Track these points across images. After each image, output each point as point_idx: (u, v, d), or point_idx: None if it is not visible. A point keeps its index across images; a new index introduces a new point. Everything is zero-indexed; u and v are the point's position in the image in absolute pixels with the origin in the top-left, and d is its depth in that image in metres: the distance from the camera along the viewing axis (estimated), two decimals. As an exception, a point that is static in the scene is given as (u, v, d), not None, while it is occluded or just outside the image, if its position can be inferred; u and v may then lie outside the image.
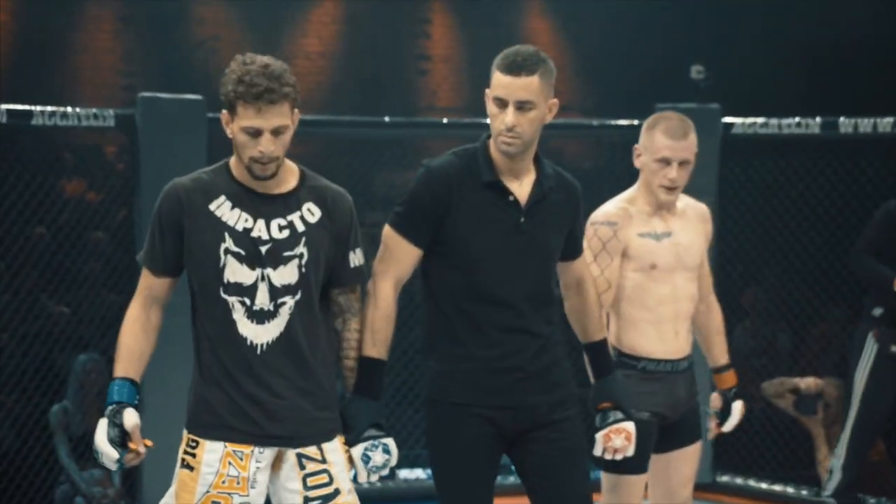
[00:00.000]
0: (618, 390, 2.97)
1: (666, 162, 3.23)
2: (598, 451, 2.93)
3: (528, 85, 2.72)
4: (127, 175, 4.83)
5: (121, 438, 2.59)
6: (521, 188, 2.80)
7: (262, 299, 2.63)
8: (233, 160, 2.68)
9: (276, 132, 2.57)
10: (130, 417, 2.61)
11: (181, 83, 6.70)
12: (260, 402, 2.63)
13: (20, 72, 9.16)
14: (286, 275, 2.64)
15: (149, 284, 2.70)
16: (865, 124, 4.97)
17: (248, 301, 2.63)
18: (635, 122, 5.28)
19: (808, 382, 4.85)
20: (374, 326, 2.76)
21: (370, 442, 2.68)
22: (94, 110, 4.60)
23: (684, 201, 3.40)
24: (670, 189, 3.26)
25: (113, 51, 9.62)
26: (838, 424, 4.83)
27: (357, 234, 2.76)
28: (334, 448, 2.70)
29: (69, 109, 4.51)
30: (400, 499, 5.12)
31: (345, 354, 2.77)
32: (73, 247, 4.83)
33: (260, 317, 2.64)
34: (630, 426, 2.93)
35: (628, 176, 5.26)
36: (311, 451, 2.68)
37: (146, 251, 2.70)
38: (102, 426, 2.60)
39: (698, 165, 3.63)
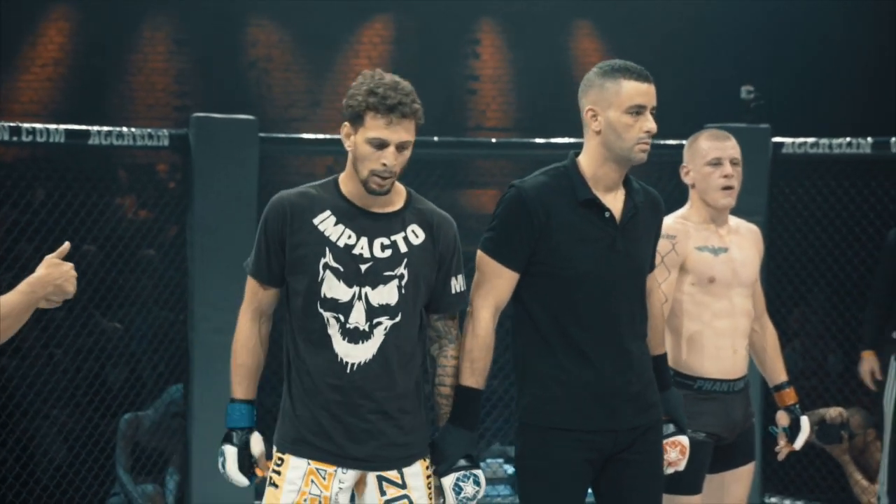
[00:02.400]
0: (675, 405, 2.95)
1: (718, 162, 3.26)
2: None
3: (655, 92, 2.76)
4: (179, 193, 4.86)
5: (248, 464, 2.64)
6: (615, 204, 2.78)
7: (358, 318, 2.62)
8: (342, 176, 2.69)
9: (401, 147, 2.59)
10: (256, 444, 2.65)
11: (233, 104, 6.75)
12: (344, 422, 2.62)
13: (77, 92, 9.30)
14: (385, 295, 2.63)
15: (257, 297, 2.72)
16: (918, 144, 4.92)
17: (342, 318, 2.62)
18: (685, 141, 5.26)
19: (833, 412, 4.82)
20: (474, 356, 2.73)
21: (462, 472, 2.68)
22: (149, 130, 4.64)
23: (736, 221, 3.40)
24: (727, 189, 3.27)
25: (167, 72, 9.73)
26: (868, 453, 4.77)
27: (459, 260, 2.75)
28: (415, 473, 2.69)
29: (125, 129, 4.55)
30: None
31: (440, 381, 2.75)
32: (127, 264, 4.87)
33: (354, 336, 2.63)
34: (685, 440, 2.92)
35: (678, 192, 5.25)
36: (392, 474, 2.67)
37: (253, 262, 2.71)
38: (232, 454, 2.64)
39: (748, 186, 3.62)
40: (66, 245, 2.56)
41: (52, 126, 4.34)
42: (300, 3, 9.47)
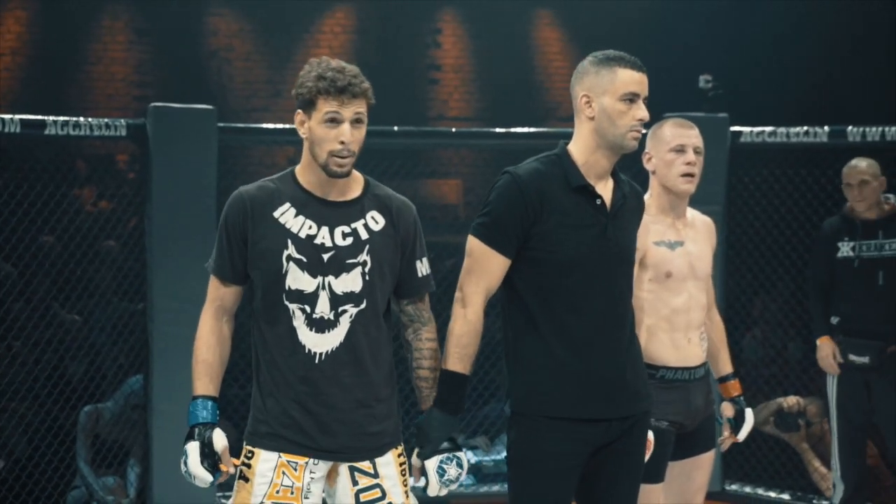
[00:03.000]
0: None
1: (681, 149, 3.27)
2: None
3: (647, 82, 2.76)
4: (138, 184, 4.83)
5: (212, 460, 2.60)
6: (606, 192, 2.78)
7: (323, 308, 2.62)
8: (299, 168, 2.69)
9: (356, 122, 2.59)
10: (220, 439, 2.61)
11: (194, 93, 6.72)
12: (314, 413, 2.62)
13: (34, 82, 9.21)
14: (349, 283, 2.63)
15: (219, 294, 2.70)
16: (874, 133, 4.95)
17: (308, 309, 2.62)
18: (644, 131, 5.27)
19: (790, 401, 4.87)
20: (463, 341, 2.72)
21: (445, 455, 2.67)
22: (106, 120, 4.61)
23: (691, 213, 3.41)
24: (689, 176, 3.27)
25: (126, 61, 9.67)
26: (825, 441, 4.83)
27: (422, 243, 2.75)
28: (387, 462, 2.69)
29: (82, 119, 4.51)
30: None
31: (418, 364, 2.75)
32: (85, 255, 4.83)
33: (320, 325, 2.62)
34: (650, 437, 2.93)
35: (637, 181, 5.27)
36: (364, 465, 2.66)
37: (215, 260, 2.70)
38: (194, 449, 2.60)
39: (706, 175, 3.62)
40: None
41: (7, 116, 4.29)
42: (261, -8, 9.43)
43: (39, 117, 4.38)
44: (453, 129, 7.06)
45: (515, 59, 10.05)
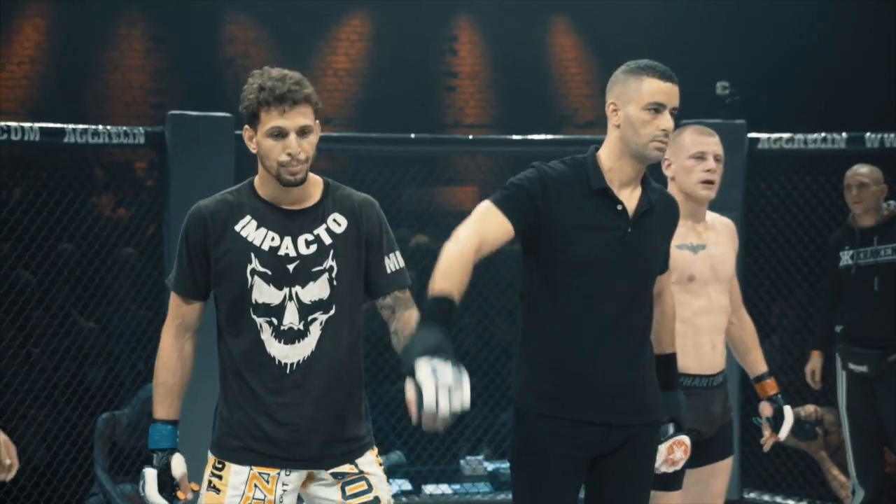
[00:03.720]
0: (678, 405, 2.95)
1: (701, 156, 3.27)
2: (658, 463, 2.90)
3: (677, 92, 2.75)
4: (156, 191, 4.85)
5: (170, 487, 2.59)
6: (630, 199, 2.76)
7: (291, 318, 2.58)
8: (257, 179, 2.65)
9: (302, 132, 2.55)
10: (178, 466, 2.59)
11: (210, 101, 6.72)
12: (287, 424, 2.59)
13: (53, 90, 9.24)
14: (316, 291, 2.59)
15: (181, 311, 2.67)
16: (892, 139, 4.94)
17: (275, 321, 2.58)
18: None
19: (807, 410, 4.88)
20: (449, 262, 2.53)
21: (436, 359, 2.29)
22: (124, 128, 4.63)
23: (711, 216, 3.41)
24: (709, 183, 3.27)
25: (144, 69, 9.69)
26: (843, 449, 4.84)
27: (390, 238, 2.69)
28: (368, 461, 2.67)
29: (100, 127, 4.53)
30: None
31: (399, 332, 2.65)
32: (104, 262, 4.85)
33: (289, 336, 2.59)
34: (687, 440, 2.93)
35: (660, 184, 5.25)
36: (345, 468, 2.65)
37: (175, 276, 2.66)
38: (151, 476, 2.59)
39: (724, 181, 3.61)
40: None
41: (27, 124, 4.32)
42: (277, 0, 9.45)
43: (59, 125, 4.40)
44: (470, 137, 7.04)
45: (531, 66, 10.04)
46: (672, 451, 2.90)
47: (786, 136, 5.17)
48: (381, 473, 2.67)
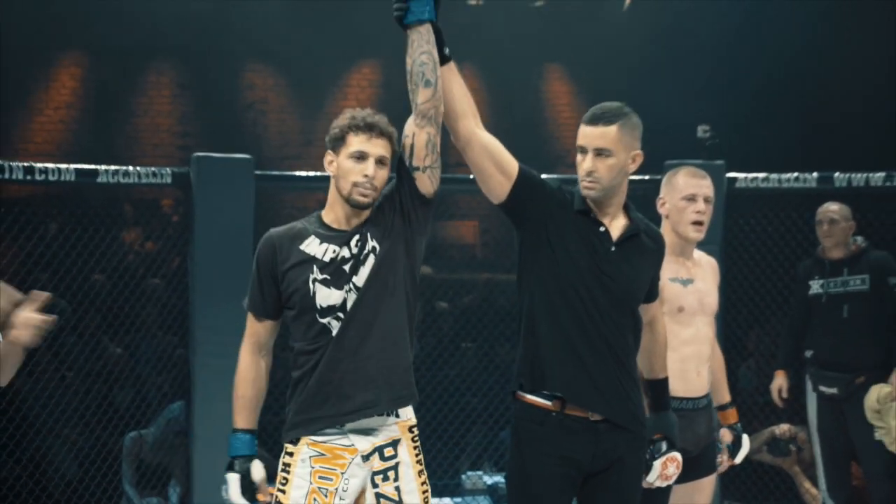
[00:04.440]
0: (670, 424, 2.96)
1: (693, 198, 3.28)
2: (651, 478, 2.90)
3: (604, 134, 2.69)
4: (181, 227, 4.87)
5: (251, 491, 2.61)
6: (612, 225, 2.76)
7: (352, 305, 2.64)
8: (324, 210, 2.72)
9: (380, 161, 2.62)
10: (258, 471, 2.62)
11: (232, 143, 6.77)
12: (346, 392, 2.61)
13: (87, 133, 9.29)
14: (366, 270, 2.64)
15: (255, 330, 2.72)
16: (858, 178, 4.96)
17: (342, 314, 2.63)
18: (646, 177, 5.29)
19: (782, 428, 4.91)
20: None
21: None
22: (153, 169, 4.65)
23: (698, 253, 3.42)
24: (699, 224, 3.28)
25: (171, 114, 9.74)
26: (816, 465, 4.84)
27: (392, 181, 2.71)
28: (410, 478, 2.66)
29: (131, 168, 4.55)
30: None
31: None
32: (132, 292, 4.86)
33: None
34: (679, 456, 2.93)
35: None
36: (390, 491, 2.63)
37: (249, 298, 2.72)
38: (234, 481, 2.62)
39: (705, 217, 3.62)
40: (45, 295, 2.59)
41: (63, 165, 4.34)
42: (294, 49, 9.50)
43: (93, 167, 4.42)
44: (471, 176, 7.07)
45: (527, 111, 10.08)
46: (666, 467, 2.90)
47: (761, 175, 5.19)
48: (417, 491, 2.67)
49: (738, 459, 3.47)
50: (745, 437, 3.46)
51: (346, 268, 2.63)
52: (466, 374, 5.61)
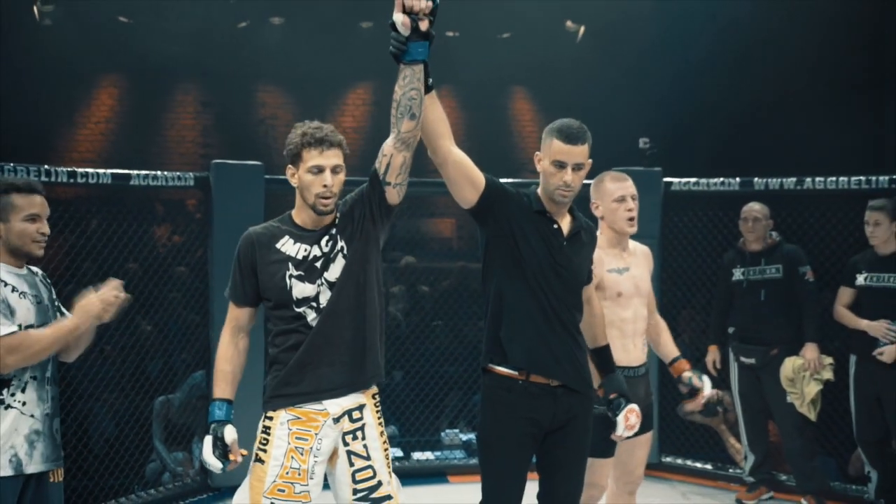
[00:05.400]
0: (620, 382, 2.95)
1: (622, 199, 3.26)
2: (620, 431, 2.88)
3: (582, 152, 2.70)
4: (203, 223, 4.84)
5: (223, 451, 2.54)
6: (563, 223, 2.77)
7: (325, 297, 2.58)
8: (293, 212, 2.66)
9: (335, 170, 2.57)
10: (230, 433, 2.56)
11: (246, 152, 6.72)
12: (318, 372, 2.57)
13: (122, 143, 9.22)
14: (337, 269, 2.59)
15: (235, 315, 2.67)
16: (774, 182, 4.97)
17: (314, 304, 2.58)
18: (590, 182, 5.28)
19: (710, 393, 4.96)
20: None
21: None
22: (178, 173, 4.62)
23: (633, 244, 3.41)
24: (632, 220, 3.27)
25: (194, 127, 9.68)
26: (737, 424, 4.86)
27: (363, 187, 2.64)
28: (374, 436, 2.61)
29: (159, 173, 4.52)
30: (413, 475, 5.07)
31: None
32: (161, 278, 4.83)
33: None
34: (636, 406, 2.92)
35: (591, 221, 5.26)
36: (359, 448, 2.59)
37: (230, 288, 2.66)
38: (208, 442, 2.55)
39: (645, 216, 3.62)
40: (117, 281, 2.62)
41: (102, 170, 4.30)
42: (299, 72, 9.46)
43: (126, 171, 4.39)
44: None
45: (496, 125, 10.08)
46: (627, 419, 2.89)
47: (693, 180, 5.20)
48: (382, 459, 2.62)
49: (707, 391, 3.37)
50: (705, 377, 3.41)
51: (318, 265, 2.59)
52: (445, 346, 5.60)
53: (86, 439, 4.67)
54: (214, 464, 2.54)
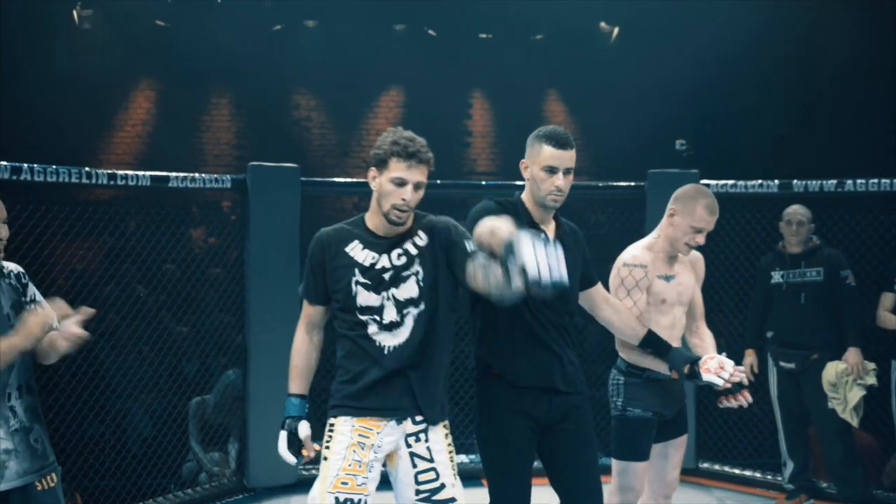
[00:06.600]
0: (682, 354, 2.96)
1: (699, 231, 3.20)
2: (720, 383, 2.85)
3: (572, 156, 2.75)
4: (239, 224, 4.86)
5: (297, 446, 2.59)
6: (549, 231, 2.80)
7: (390, 314, 2.58)
8: (367, 214, 2.66)
9: (417, 186, 2.56)
10: (304, 429, 2.60)
11: (281, 154, 6.76)
12: (384, 384, 2.56)
13: (160, 146, 9.31)
14: (407, 290, 2.58)
15: (308, 313, 2.70)
16: (813, 185, 4.90)
17: (377, 317, 2.58)
18: (632, 183, 5.25)
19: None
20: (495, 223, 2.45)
21: (532, 235, 2.14)
22: (215, 176, 4.64)
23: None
24: (691, 248, 3.25)
25: (229, 129, 9.75)
26: None
27: (460, 232, 2.63)
28: (438, 439, 2.61)
29: (196, 175, 4.54)
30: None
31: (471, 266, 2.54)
32: (199, 280, 4.86)
33: (389, 327, 2.59)
34: (708, 356, 2.91)
35: (628, 224, 5.21)
36: (422, 450, 2.60)
37: (304, 287, 2.69)
38: (283, 437, 2.60)
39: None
40: (89, 310, 2.53)
41: (140, 172, 4.34)
42: (333, 75, 9.49)
43: (164, 173, 4.43)
44: (483, 182, 7.04)
45: (529, 128, 10.01)
46: (712, 371, 2.85)
47: (730, 182, 5.14)
48: (446, 461, 2.62)
49: (718, 382, 3.13)
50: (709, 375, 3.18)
51: (386, 277, 2.58)
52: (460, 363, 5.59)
53: (123, 439, 4.71)
54: (289, 458, 2.60)
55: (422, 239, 2.63)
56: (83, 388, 4.22)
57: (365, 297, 2.59)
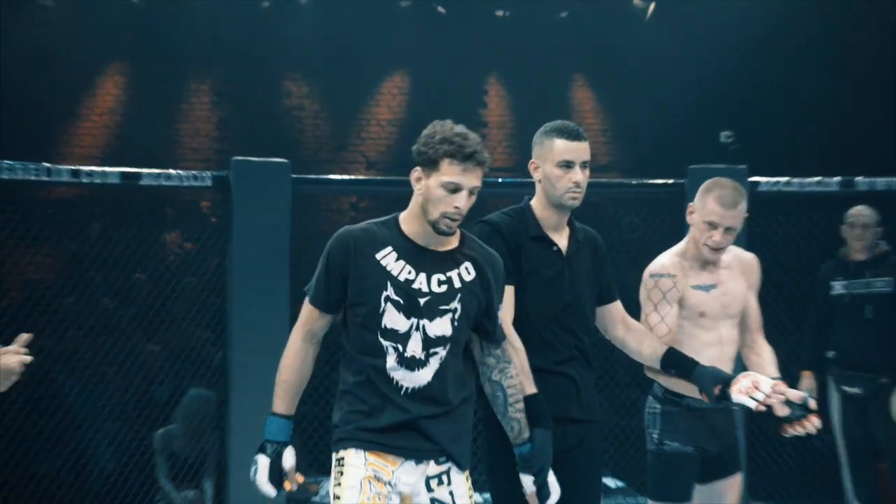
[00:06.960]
0: (711, 371, 2.94)
1: (713, 226, 3.14)
2: (754, 405, 2.83)
3: (587, 148, 2.86)
4: (220, 228, 4.84)
5: (279, 476, 2.52)
6: (562, 240, 2.87)
7: (414, 348, 2.50)
8: (404, 216, 2.58)
9: (472, 192, 2.50)
10: (288, 459, 2.53)
11: (269, 147, 6.74)
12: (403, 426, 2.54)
13: (131, 138, 9.32)
14: (440, 327, 2.51)
15: (311, 319, 2.59)
16: (881, 183, 4.86)
17: (400, 348, 2.50)
18: (670, 181, 5.20)
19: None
20: (525, 368, 2.73)
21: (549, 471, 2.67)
22: (194, 172, 4.65)
23: (732, 252, 3.29)
24: (714, 250, 3.17)
25: (210, 119, 9.75)
26: None
27: (500, 286, 2.64)
28: (461, 482, 2.60)
29: (173, 171, 4.53)
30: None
31: (515, 399, 2.65)
32: (172, 291, 4.84)
33: (410, 364, 2.51)
34: (742, 374, 2.92)
35: (668, 224, 5.17)
36: (443, 495, 2.56)
37: (314, 289, 2.59)
38: (264, 465, 2.53)
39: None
40: (25, 336, 2.43)
41: (109, 168, 4.34)
42: (328, 58, 9.49)
43: (136, 170, 4.41)
44: (499, 180, 7.00)
45: (553, 117, 9.98)
46: (745, 391, 2.84)
47: (784, 179, 5.10)
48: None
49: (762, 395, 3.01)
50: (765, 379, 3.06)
51: (421, 302, 2.51)
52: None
53: (84, 474, 4.69)
54: (268, 490, 2.53)
55: (469, 272, 2.56)
56: (38, 415, 4.21)
57: (393, 319, 2.50)
